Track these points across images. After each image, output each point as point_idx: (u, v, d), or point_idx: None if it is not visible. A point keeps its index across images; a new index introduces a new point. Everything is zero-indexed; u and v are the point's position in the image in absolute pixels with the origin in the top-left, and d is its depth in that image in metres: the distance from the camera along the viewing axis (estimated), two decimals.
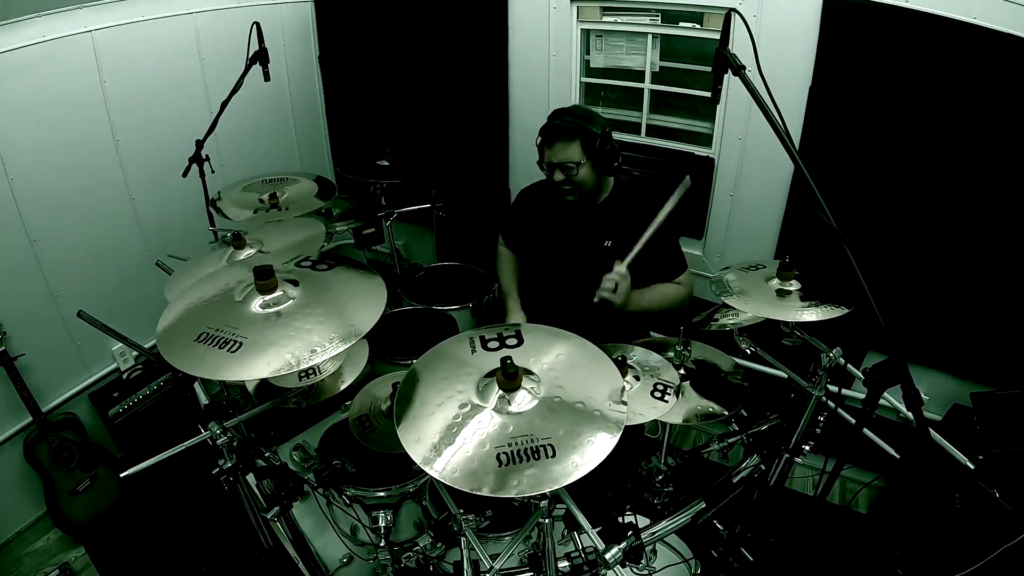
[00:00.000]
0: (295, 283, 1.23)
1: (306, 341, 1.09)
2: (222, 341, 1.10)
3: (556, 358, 1.20)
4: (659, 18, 2.30)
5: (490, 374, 1.13)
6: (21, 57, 2.00)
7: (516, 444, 1.00)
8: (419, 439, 1.03)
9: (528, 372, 1.14)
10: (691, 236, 2.51)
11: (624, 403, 1.08)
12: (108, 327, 1.48)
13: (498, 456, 0.98)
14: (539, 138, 1.75)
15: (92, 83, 2.23)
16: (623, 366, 1.45)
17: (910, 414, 0.93)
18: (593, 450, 0.99)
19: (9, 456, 2.24)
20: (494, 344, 1.24)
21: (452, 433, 1.03)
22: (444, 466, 0.98)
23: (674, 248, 1.87)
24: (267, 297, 1.19)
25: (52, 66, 2.09)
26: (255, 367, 1.06)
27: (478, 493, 0.94)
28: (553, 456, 0.98)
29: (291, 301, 1.19)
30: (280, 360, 1.06)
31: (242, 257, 1.66)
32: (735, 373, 1.70)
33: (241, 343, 1.10)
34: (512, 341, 1.25)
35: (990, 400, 1.88)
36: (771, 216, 2.29)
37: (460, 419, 1.06)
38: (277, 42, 2.81)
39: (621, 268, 1.66)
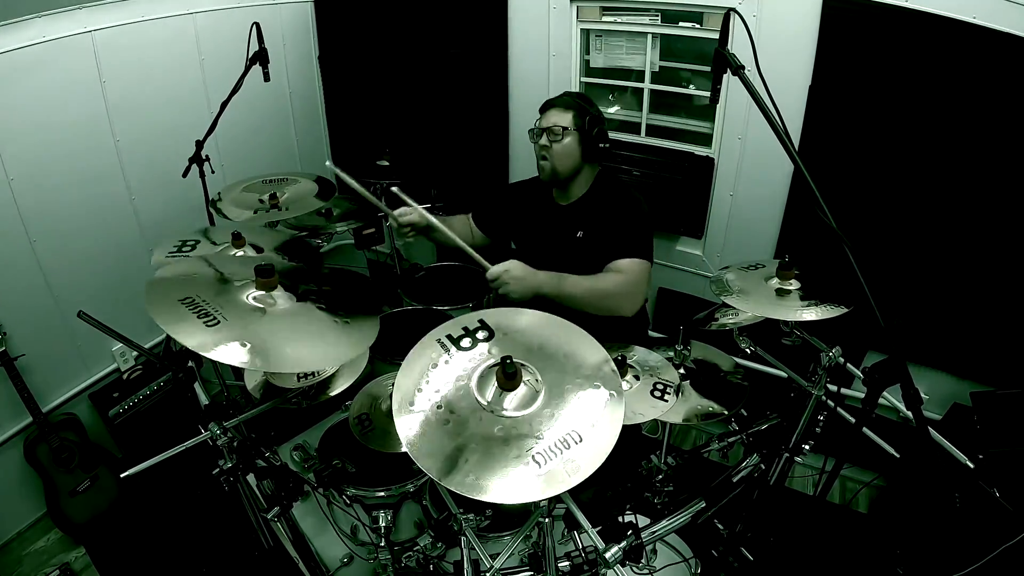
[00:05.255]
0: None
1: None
2: (203, 312, 1.14)
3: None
4: (659, 18, 2.30)
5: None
6: (21, 57, 2.00)
7: None
8: None
9: (523, 365, 1.11)
10: (691, 236, 2.51)
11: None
12: (108, 327, 1.47)
13: None
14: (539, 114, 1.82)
15: (92, 83, 2.23)
16: (623, 366, 1.45)
17: (910, 413, 0.93)
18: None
19: (9, 456, 2.24)
20: (467, 343, 1.17)
21: None
22: None
23: (637, 231, 1.67)
24: (260, 293, 1.21)
25: (52, 66, 2.09)
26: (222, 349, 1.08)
27: None
28: None
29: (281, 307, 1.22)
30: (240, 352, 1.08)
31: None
32: (735, 372, 1.71)
33: (220, 322, 1.13)
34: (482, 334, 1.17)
35: (990, 399, 1.88)
36: (771, 216, 2.28)
37: None
38: (277, 42, 2.81)
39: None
